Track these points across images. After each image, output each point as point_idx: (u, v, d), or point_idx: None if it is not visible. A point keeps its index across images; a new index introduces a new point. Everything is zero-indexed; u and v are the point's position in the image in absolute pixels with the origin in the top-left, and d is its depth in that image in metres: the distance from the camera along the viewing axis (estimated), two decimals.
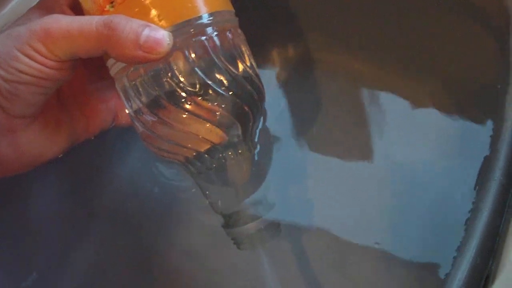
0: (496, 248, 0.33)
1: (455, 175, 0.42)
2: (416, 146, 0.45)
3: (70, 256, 0.44)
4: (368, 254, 0.41)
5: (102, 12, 0.34)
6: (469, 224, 0.34)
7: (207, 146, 0.36)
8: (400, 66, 0.49)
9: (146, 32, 0.31)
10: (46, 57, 0.32)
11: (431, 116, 0.46)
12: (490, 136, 0.40)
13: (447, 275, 0.32)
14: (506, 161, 0.36)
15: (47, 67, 0.32)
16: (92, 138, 0.40)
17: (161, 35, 0.32)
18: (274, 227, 0.38)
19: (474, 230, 0.33)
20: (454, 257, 0.34)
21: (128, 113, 0.36)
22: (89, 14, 0.35)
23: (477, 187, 0.40)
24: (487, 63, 0.44)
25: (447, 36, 0.47)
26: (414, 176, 0.43)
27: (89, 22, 0.32)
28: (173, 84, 0.34)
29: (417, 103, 0.47)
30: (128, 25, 0.31)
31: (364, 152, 0.46)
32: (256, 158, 0.39)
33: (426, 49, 0.48)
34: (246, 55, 0.37)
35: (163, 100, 0.34)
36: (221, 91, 0.34)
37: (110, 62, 0.35)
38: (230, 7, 0.37)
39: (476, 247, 0.32)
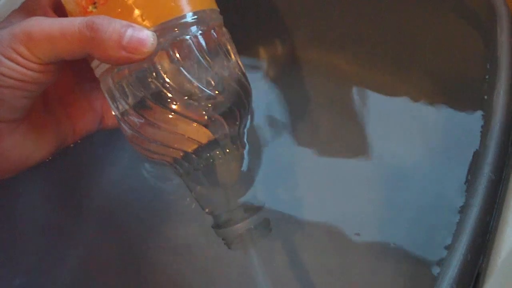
0: (486, 244, 0.33)
1: (445, 171, 0.42)
2: (405, 142, 0.45)
3: (58, 258, 0.44)
4: (359, 251, 0.41)
5: (84, 13, 0.33)
6: (459, 220, 0.34)
7: (194, 146, 0.36)
8: (388, 63, 0.49)
9: (129, 32, 0.31)
10: (29, 60, 0.32)
11: (420, 112, 0.46)
12: (480, 131, 0.40)
13: (439, 272, 0.32)
14: (495, 157, 0.35)
15: (30, 70, 0.32)
16: (79, 141, 0.39)
17: (145, 35, 0.32)
18: (264, 226, 0.38)
19: (465, 227, 0.33)
20: (445, 254, 0.33)
21: (115, 114, 0.36)
22: (72, 15, 0.34)
23: (467, 183, 0.39)
24: (475, 58, 0.44)
25: (435, 33, 0.47)
26: (404, 172, 0.43)
27: (71, 23, 0.31)
28: (159, 85, 0.34)
29: (406, 99, 0.47)
30: (111, 26, 0.31)
31: (353, 149, 0.46)
32: (246, 157, 0.38)
33: (414, 45, 0.48)
34: (231, 54, 0.37)
35: (149, 101, 0.34)
36: (207, 91, 0.34)
37: (94, 63, 0.35)
38: (214, 6, 0.37)
39: (467, 244, 0.32)
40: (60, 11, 0.36)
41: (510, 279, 0.29)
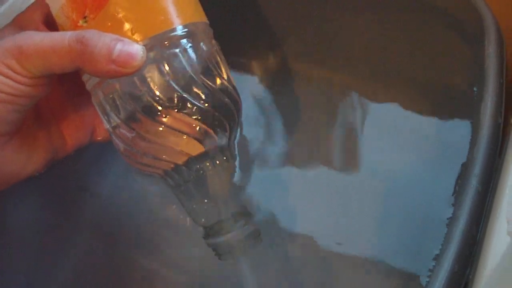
0: (474, 256, 0.33)
1: (433, 183, 0.42)
2: (394, 153, 0.45)
3: (50, 271, 0.44)
4: (348, 262, 0.41)
5: (75, 27, 0.34)
6: (447, 232, 0.34)
7: (185, 158, 0.36)
8: (377, 74, 0.49)
9: (119, 46, 0.31)
10: (20, 74, 0.32)
11: (408, 123, 0.46)
12: (468, 143, 0.40)
13: (426, 282, 0.32)
14: (483, 169, 0.36)
15: (21, 84, 0.32)
16: (71, 153, 0.40)
17: (134, 49, 0.32)
18: (255, 236, 0.38)
19: (452, 238, 0.33)
20: (433, 265, 0.34)
21: (106, 128, 0.36)
22: (63, 29, 0.35)
23: (455, 194, 0.40)
24: (463, 70, 0.45)
25: (424, 43, 0.47)
26: (392, 183, 0.43)
27: (61, 38, 0.32)
28: (149, 98, 0.34)
29: (394, 110, 0.47)
30: (100, 40, 0.31)
31: (343, 160, 0.46)
32: (237, 169, 0.39)
33: (402, 56, 0.48)
34: (222, 66, 0.37)
35: (139, 114, 0.34)
36: (197, 103, 0.34)
37: (85, 76, 0.35)
38: (204, 19, 0.37)
39: (454, 255, 0.32)
40: (52, 26, 0.36)
41: None
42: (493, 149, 0.37)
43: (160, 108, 0.34)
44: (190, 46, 0.35)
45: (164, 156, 0.36)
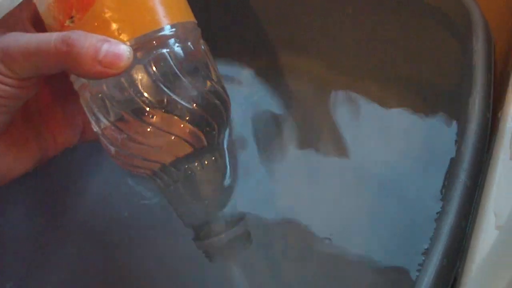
0: (463, 250, 0.33)
1: (422, 178, 0.42)
2: (383, 149, 0.45)
3: (41, 274, 0.43)
4: (337, 257, 0.41)
5: (62, 27, 0.33)
6: (436, 226, 0.34)
7: (173, 159, 0.36)
8: (366, 70, 0.49)
9: (105, 47, 0.31)
10: (6, 76, 0.32)
11: (397, 119, 0.46)
12: (455, 138, 0.40)
13: (416, 277, 0.32)
14: (471, 164, 0.36)
15: (8, 86, 0.32)
16: (60, 153, 0.39)
17: (121, 50, 0.32)
18: (245, 237, 0.38)
19: (441, 232, 0.33)
20: (422, 260, 0.34)
21: (93, 128, 0.36)
22: (50, 29, 0.34)
23: (444, 189, 0.40)
24: (451, 66, 0.45)
25: (411, 39, 0.47)
26: (381, 179, 0.44)
27: (47, 39, 0.32)
28: (136, 98, 0.34)
29: (383, 106, 0.47)
30: (87, 41, 0.31)
31: (332, 156, 0.46)
32: (226, 169, 0.38)
33: (391, 53, 0.48)
34: (210, 66, 0.37)
35: (126, 115, 0.34)
36: (184, 104, 0.34)
37: (73, 77, 0.35)
38: (192, 18, 0.37)
39: (443, 249, 0.32)
40: (40, 25, 0.36)
41: (484, 284, 0.30)
42: (481, 143, 0.37)
43: (147, 108, 0.34)
44: (178, 46, 0.35)
45: (152, 157, 0.36)
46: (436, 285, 0.31)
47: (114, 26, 0.33)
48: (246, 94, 0.50)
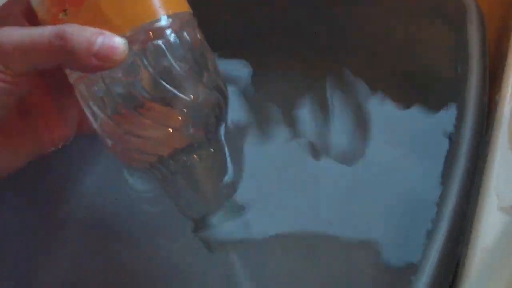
0: (465, 232, 0.34)
1: (421, 163, 0.42)
2: (382, 137, 0.45)
3: (39, 270, 0.43)
4: (338, 244, 0.41)
5: (55, 20, 0.33)
6: (437, 210, 0.34)
7: (170, 151, 0.35)
8: (360, 62, 0.49)
9: (100, 40, 0.31)
10: (0, 72, 0.32)
11: (394, 107, 0.46)
12: (454, 124, 0.40)
13: (419, 261, 0.32)
14: (470, 147, 0.36)
15: (2, 81, 0.32)
16: (58, 147, 0.39)
17: (116, 42, 0.31)
18: (245, 229, 0.38)
19: (443, 216, 0.33)
20: (425, 243, 0.34)
21: (90, 120, 0.36)
22: (44, 22, 0.34)
23: (444, 173, 0.40)
24: (446, 52, 0.45)
25: (405, 28, 0.47)
26: (381, 166, 0.44)
27: (41, 34, 0.31)
28: (132, 91, 0.33)
29: (380, 95, 0.47)
30: (81, 34, 0.31)
31: (331, 149, 0.46)
32: (228, 162, 0.38)
33: (384, 42, 0.48)
34: (207, 57, 0.36)
35: (123, 107, 0.34)
36: (181, 95, 0.34)
37: (68, 70, 0.35)
38: (188, 9, 0.36)
39: (445, 233, 0.32)
40: (33, 19, 0.35)
41: (488, 265, 0.30)
42: (479, 127, 0.38)
43: (144, 101, 0.34)
44: (174, 37, 0.34)
45: (149, 149, 0.36)
46: (441, 267, 0.31)
47: (109, 18, 0.32)
48: (240, 90, 0.50)
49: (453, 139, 0.39)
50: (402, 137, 0.45)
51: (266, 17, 0.52)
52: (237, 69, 0.51)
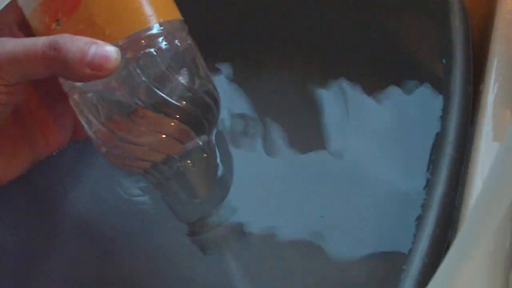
0: (454, 219, 0.34)
1: (409, 153, 0.43)
2: (369, 130, 0.46)
3: (38, 271, 0.43)
4: (330, 233, 0.41)
5: (48, 30, 0.34)
6: (426, 198, 0.35)
7: (164, 157, 0.36)
8: (344, 54, 0.49)
9: (92, 49, 0.31)
10: None
11: (381, 99, 0.47)
12: (440, 114, 0.41)
13: (410, 248, 0.33)
14: (456, 136, 0.37)
15: None
16: (53, 154, 0.40)
17: (109, 51, 0.32)
18: (239, 230, 0.39)
19: (432, 204, 0.34)
20: (416, 231, 0.34)
21: (84, 128, 0.36)
22: (37, 32, 0.34)
23: (431, 163, 0.41)
24: (430, 44, 0.46)
25: (389, 20, 0.48)
26: (369, 157, 0.44)
27: (34, 44, 0.32)
28: (125, 99, 0.34)
29: (365, 88, 0.47)
30: (74, 44, 0.31)
31: (319, 143, 0.46)
32: (220, 166, 0.39)
33: (368, 35, 0.49)
34: (198, 63, 0.37)
35: (116, 115, 0.34)
36: (174, 102, 0.34)
37: (62, 79, 0.36)
38: (179, 16, 0.37)
39: (434, 220, 0.33)
40: (27, 29, 0.36)
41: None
42: (465, 116, 0.38)
43: (137, 108, 0.34)
44: (166, 45, 0.35)
45: (143, 156, 0.36)
46: (431, 254, 0.32)
47: (101, 27, 0.33)
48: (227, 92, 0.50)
49: (440, 128, 0.40)
50: (388, 129, 0.45)
51: (245, 15, 0.52)
52: (227, 72, 0.51)
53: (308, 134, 0.47)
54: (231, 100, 0.49)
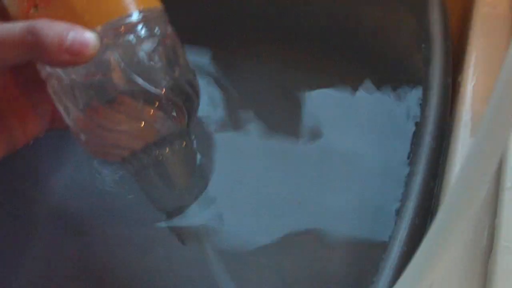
0: (433, 209, 0.35)
1: (390, 144, 0.43)
2: (350, 120, 0.46)
3: (15, 264, 0.43)
4: (308, 223, 0.41)
5: (27, 16, 0.33)
6: (405, 188, 0.35)
7: (142, 145, 0.36)
8: (324, 48, 0.50)
9: (71, 35, 0.31)
10: None
11: (361, 90, 0.47)
12: (419, 104, 0.41)
13: (389, 237, 0.33)
14: (435, 126, 0.37)
15: None
16: (30, 143, 0.39)
17: (87, 37, 0.31)
18: (217, 219, 0.39)
19: (411, 193, 0.34)
20: (395, 220, 0.35)
21: (63, 116, 0.36)
22: (15, 18, 0.34)
23: (411, 153, 0.41)
24: (409, 35, 0.46)
25: (369, 13, 0.48)
26: (350, 147, 0.44)
27: (12, 29, 0.31)
28: (104, 86, 0.34)
29: (345, 81, 0.48)
30: (52, 30, 0.31)
31: (302, 134, 0.46)
32: (198, 155, 0.39)
33: (349, 29, 0.49)
34: (178, 51, 0.37)
35: (95, 102, 0.34)
36: (153, 90, 0.34)
37: (39, 65, 0.35)
38: (158, 4, 0.36)
39: (413, 209, 0.33)
40: (4, 15, 0.35)
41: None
42: (444, 107, 0.39)
43: (116, 95, 0.34)
44: (145, 32, 0.34)
45: (122, 143, 0.36)
46: (409, 243, 0.32)
47: (80, 13, 0.32)
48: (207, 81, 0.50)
49: (419, 119, 0.40)
50: (369, 120, 0.45)
51: (233, 7, 0.52)
52: (206, 60, 0.51)
53: (288, 124, 0.48)
54: (211, 90, 0.49)
